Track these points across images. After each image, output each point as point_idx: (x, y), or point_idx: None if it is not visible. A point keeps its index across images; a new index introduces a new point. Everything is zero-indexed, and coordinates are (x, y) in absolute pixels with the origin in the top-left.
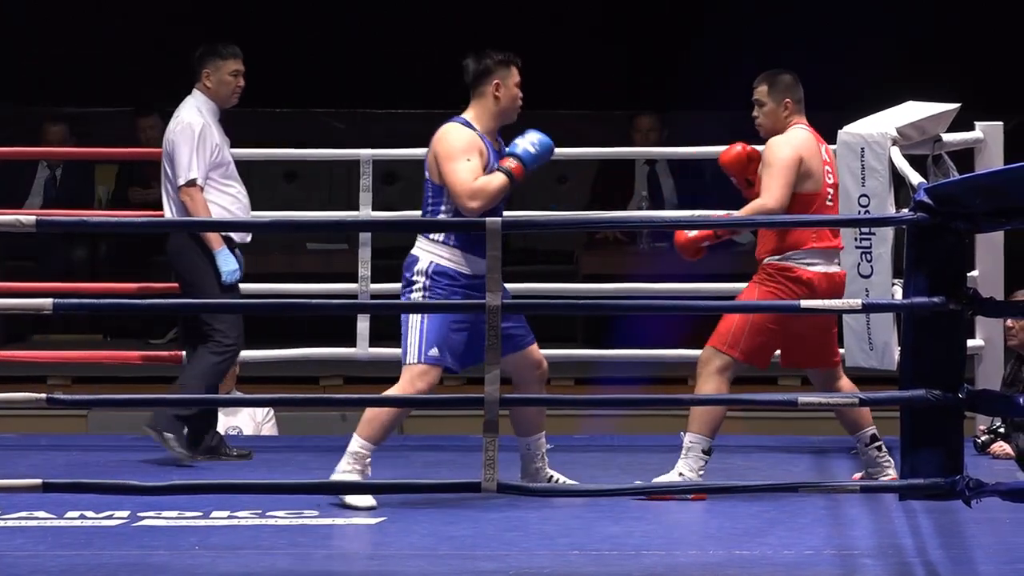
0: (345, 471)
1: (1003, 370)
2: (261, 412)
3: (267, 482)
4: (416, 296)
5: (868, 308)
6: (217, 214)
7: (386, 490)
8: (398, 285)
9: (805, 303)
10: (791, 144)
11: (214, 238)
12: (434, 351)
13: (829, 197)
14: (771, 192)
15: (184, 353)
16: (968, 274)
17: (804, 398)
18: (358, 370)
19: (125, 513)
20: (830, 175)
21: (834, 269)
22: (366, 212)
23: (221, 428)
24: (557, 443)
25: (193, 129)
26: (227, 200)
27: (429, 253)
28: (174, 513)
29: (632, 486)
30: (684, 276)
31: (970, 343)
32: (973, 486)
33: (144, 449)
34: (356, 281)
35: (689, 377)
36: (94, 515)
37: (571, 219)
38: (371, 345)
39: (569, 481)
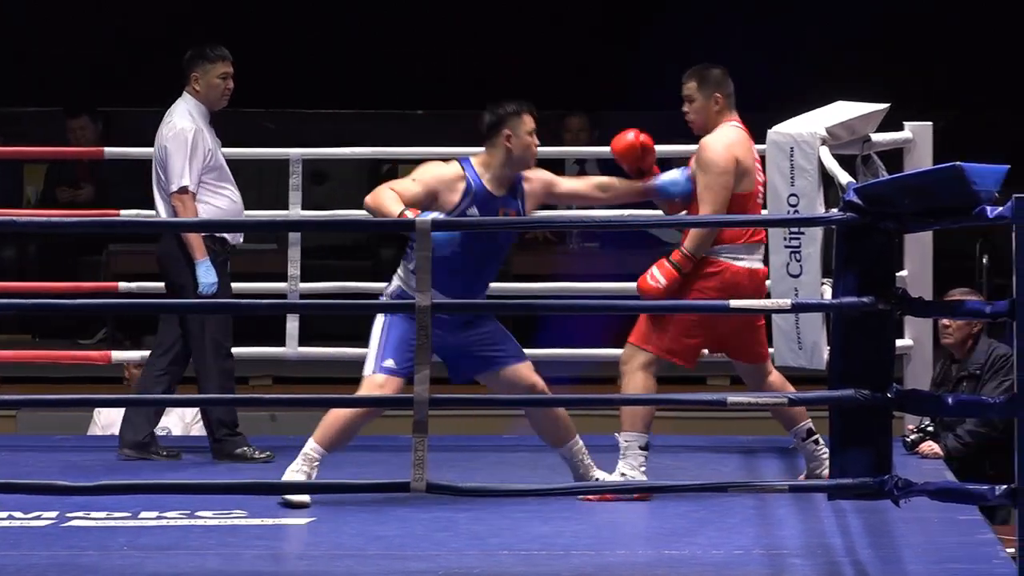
0: (293, 470)
1: (932, 370)
2: (190, 412)
3: (196, 482)
4: (380, 317)
5: (797, 308)
6: (213, 216)
7: (316, 490)
8: (327, 285)
9: (735, 303)
10: (725, 144)
11: (197, 247)
12: (389, 362)
13: (760, 193)
14: (709, 200)
15: (111, 353)
16: (897, 274)
17: (733, 398)
18: (287, 370)
19: (53, 514)
20: (760, 172)
21: (757, 265)
22: (296, 212)
23: None
24: (487, 443)
25: (186, 136)
26: (222, 202)
27: (399, 279)
28: (103, 514)
29: (563, 486)
30: (613, 276)
31: (899, 343)
32: (902, 485)
33: (73, 450)
34: (285, 280)
35: (618, 377)
36: (22, 516)
37: (503, 219)
38: (300, 345)
39: (608, 477)
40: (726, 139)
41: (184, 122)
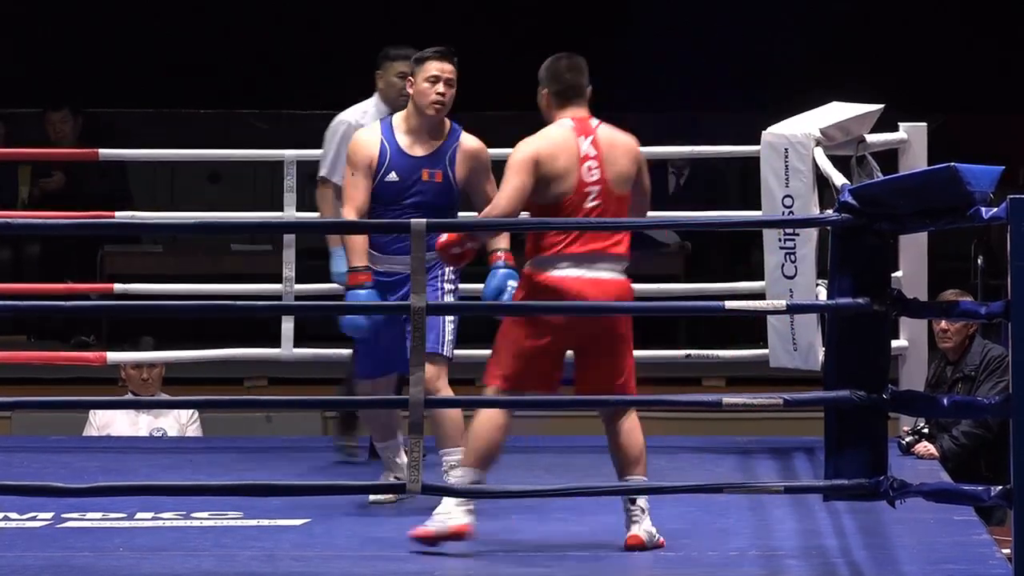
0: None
1: (927, 371)
2: (186, 414)
3: (191, 483)
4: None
5: (792, 309)
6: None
7: (311, 492)
8: (322, 286)
9: (730, 304)
10: (532, 144)
11: (331, 237)
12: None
13: (593, 196)
14: (501, 193)
15: (107, 355)
16: (892, 275)
17: (729, 399)
18: (283, 371)
19: (49, 515)
20: (595, 171)
21: (598, 275)
22: (290, 213)
23: (145, 430)
24: None
25: (336, 129)
26: None
27: None
28: (98, 515)
29: (559, 488)
30: None
31: (894, 344)
32: (897, 486)
33: (68, 451)
34: (280, 282)
35: None
36: (18, 516)
37: (497, 220)
38: (295, 346)
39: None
40: (537, 138)
41: (345, 115)
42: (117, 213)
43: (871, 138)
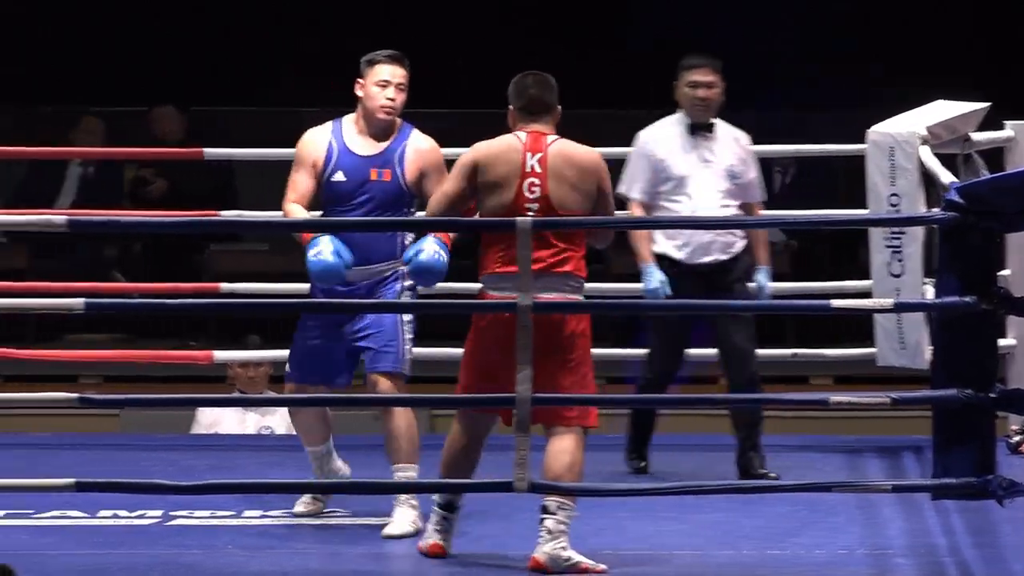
0: None
1: None
2: None
3: (299, 481)
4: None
5: (899, 308)
6: None
7: (420, 490)
8: None
9: (837, 303)
10: (472, 150)
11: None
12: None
13: (532, 213)
14: (433, 195)
15: (213, 353)
16: (999, 274)
17: (836, 397)
18: None
19: (158, 512)
20: (536, 188)
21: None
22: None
23: (253, 428)
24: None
25: (635, 144)
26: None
27: None
28: (207, 512)
29: (670, 486)
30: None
31: (1002, 342)
32: (1006, 485)
33: (176, 448)
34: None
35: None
36: (127, 514)
37: (604, 220)
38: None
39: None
40: (483, 143)
41: (646, 130)
42: (222, 212)
43: (977, 136)
